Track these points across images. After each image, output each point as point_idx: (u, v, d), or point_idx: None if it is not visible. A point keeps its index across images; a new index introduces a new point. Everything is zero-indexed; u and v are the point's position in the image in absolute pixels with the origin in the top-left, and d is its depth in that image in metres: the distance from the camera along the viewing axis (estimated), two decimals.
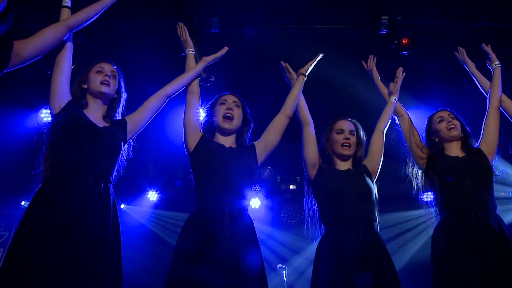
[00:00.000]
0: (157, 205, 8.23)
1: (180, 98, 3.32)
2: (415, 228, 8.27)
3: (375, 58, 3.89)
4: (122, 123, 3.04)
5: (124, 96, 3.17)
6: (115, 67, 3.10)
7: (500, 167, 3.46)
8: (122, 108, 3.17)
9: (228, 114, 3.12)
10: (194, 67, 3.33)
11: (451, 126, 3.40)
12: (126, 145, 3.06)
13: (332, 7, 5.35)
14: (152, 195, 8.05)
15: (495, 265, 2.90)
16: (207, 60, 3.41)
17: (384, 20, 5.33)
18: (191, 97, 3.23)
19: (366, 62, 3.93)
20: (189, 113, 3.16)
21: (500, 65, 3.69)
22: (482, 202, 3.14)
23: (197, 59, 3.46)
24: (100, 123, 2.94)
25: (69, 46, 2.92)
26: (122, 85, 3.16)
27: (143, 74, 5.59)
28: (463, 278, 2.92)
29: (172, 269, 2.75)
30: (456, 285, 2.93)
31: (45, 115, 5.84)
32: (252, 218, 3.00)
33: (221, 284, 2.63)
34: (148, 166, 7.73)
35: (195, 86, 3.27)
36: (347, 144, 3.30)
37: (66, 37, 2.86)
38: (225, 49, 3.48)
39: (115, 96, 3.10)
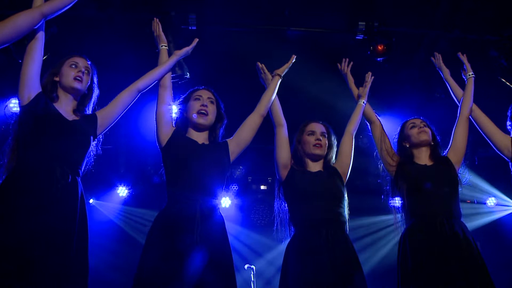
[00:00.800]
0: (127, 201, 8.11)
1: (153, 92, 3.28)
2: (383, 233, 8.37)
3: (351, 62, 3.91)
4: (92, 117, 3.00)
5: (96, 93, 3.12)
6: (89, 63, 3.06)
7: (465, 175, 3.53)
8: (94, 103, 3.13)
9: (202, 111, 3.10)
10: (166, 61, 3.29)
11: (422, 132, 3.47)
12: (95, 140, 3.02)
13: (309, 10, 5.38)
14: (122, 191, 7.93)
15: (458, 272, 2.96)
16: (179, 54, 3.37)
17: (361, 26, 5.38)
18: (163, 91, 3.19)
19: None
20: (161, 107, 3.12)
21: (473, 75, 3.77)
22: (448, 210, 3.20)
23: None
24: (70, 116, 2.89)
25: (41, 35, 2.85)
26: (95, 81, 3.11)
27: (117, 68, 5.51)
28: (428, 285, 2.97)
29: (141, 266, 2.72)
30: None
31: (14, 105, 5.69)
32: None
33: (191, 282, 2.62)
34: (119, 161, 7.63)
35: (167, 81, 3.23)
36: (318, 144, 3.33)
37: (39, 24, 2.77)
38: (196, 40, 3.44)
39: (87, 92, 3.05)
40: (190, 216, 2.79)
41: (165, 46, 3.39)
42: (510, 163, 3.49)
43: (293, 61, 3.60)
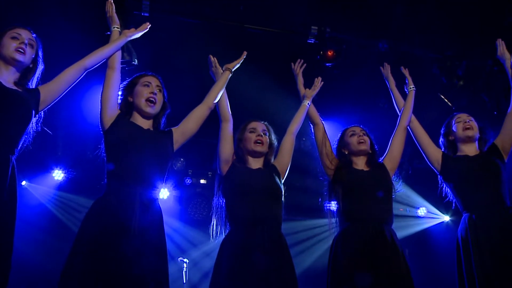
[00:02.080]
0: (62, 186, 7.81)
1: (98, 73, 3.19)
2: (318, 236, 8.54)
3: (304, 64, 3.93)
4: (35, 92, 2.86)
5: (40, 67, 2.98)
6: (34, 35, 2.93)
7: (399, 183, 3.66)
8: (38, 78, 2.99)
9: (151, 98, 3.04)
10: (115, 40, 3.19)
11: (361, 141, 3.54)
12: (37, 117, 2.88)
13: (266, 9, 5.40)
14: (58, 175, 7.61)
15: (384, 279, 3.06)
16: (128, 34, 3.24)
17: (313, 30, 5.45)
18: (111, 73, 3.08)
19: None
20: (107, 89, 3.02)
21: (414, 88, 3.90)
22: (380, 216, 3.31)
23: None
24: (11, 86, 2.76)
25: None
26: (40, 55, 2.98)
27: (65, 46, 5.32)
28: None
29: (72, 256, 2.63)
30: None
31: None
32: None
33: (125, 274, 2.57)
34: (57, 143, 7.33)
35: (115, 62, 3.11)
36: (260, 141, 3.36)
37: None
38: (147, 24, 3.34)
39: (31, 65, 2.91)
40: (129, 207, 2.73)
41: (117, 28, 3.28)
42: (439, 176, 3.66)
43: (244, 58, 3.60)
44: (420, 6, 5.30)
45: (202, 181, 7.90)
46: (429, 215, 9.06)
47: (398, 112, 3.85)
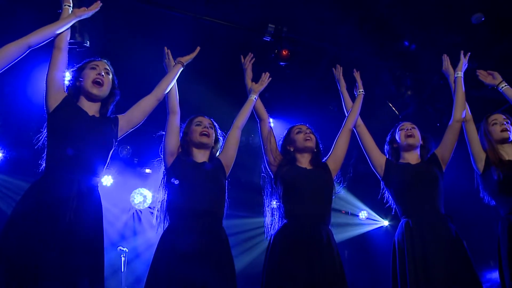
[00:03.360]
0: None
1: (43, 53, 3.07)
2: (260, 233, 8.55)
3: (253, 59, 3.94)
4: None
5: None
6: None
7: (340, 185, 3.74)
8: None
9: (98, 79, 2.98)
10: (64, 19, 3.06)
11: (307, 138, 3.60)
12: None
13: (225, 3, 5.37)
14: None
15: (318, 278, 3.11)
16: (78, 13, 3.10)
17: (270, 28, 5.48)
18: (57, 53, 2.97)
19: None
20: (53, 70, 2.92)
21: (363, 92, 4.02)
22: (319, 215, 3.36)
23: None
24: None
25: None
26: None
27: (12, 23, 5.09)
28: (291, 287, 3.08)
29: (2, 240, 2.53)
30: None
31: None
32: (101, 196, 2.88)
33: (56, 266, 2.50)
34: None
35: (62, 42, 3.00)
36: (206, 133, 3.36)
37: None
38: (98, 4, 3.20)
39: None
40: (66, 194, 2.66)
41: (69, 5, 3.16)
42: (381, 181, 3.77)
43: (197, 52, 3.59)
44: (374, 13, 5.42)
45: (147, 170, 7.78)
46: (369, 220, 9.30)
47: (346, 114, 3.93)
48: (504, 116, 3.74)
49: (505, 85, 3.84)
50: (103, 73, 3.02)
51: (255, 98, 3.73)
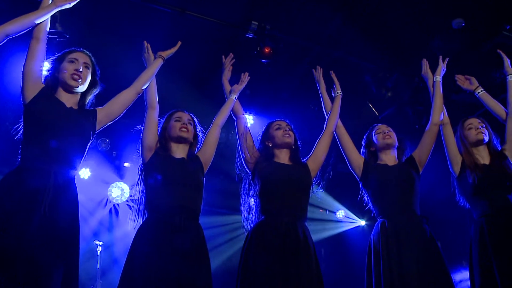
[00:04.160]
0: None
1: (21, 42, 3.02)
2: (238, 231, 8.54)
3: (233, 60, 3.98)
4: None
5: None
6: None
7: (319, 184, 3.76)
8: None
9: (75, 76, 2.93)
10: (44, 8, 2.99)
11: (286, 134, 3.62)
12: None
13: None
14: None
15: (293, 275, 3.11)
16: (58, 3, 3.02)
17: (253, 25, 5.47)
18: (35, 43, 2.91)
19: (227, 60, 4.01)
20: (30, 61, 2.86)
21: (341, 93, 4.04)
22: (296, 211, 3.36)
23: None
24: None
25: None
26: None
27: None
28: (266, 283, 3.08)
29: None
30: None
31: None
32: (78, 189, 2.84)
33: (30, 259, 2.45)
34: None
35: (41, 32, 2.94)
36: (185, 129, 3.36)
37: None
38: None
39: None
40: (42, 185, 2.62)
41: None
42: (359, 182, 3.80)
43: (178, 47, 3.58)
44: (359, 17, 5.45)
45: (126, 164, 7.70)
46: (346, 219, 9.38)
47: (326, 116, 3.96)
48: (480, 120, 3.82)
49: (481, 90, 3.95)
50: (81, 69, 2.96)
51: (235, 98, 3.75)
